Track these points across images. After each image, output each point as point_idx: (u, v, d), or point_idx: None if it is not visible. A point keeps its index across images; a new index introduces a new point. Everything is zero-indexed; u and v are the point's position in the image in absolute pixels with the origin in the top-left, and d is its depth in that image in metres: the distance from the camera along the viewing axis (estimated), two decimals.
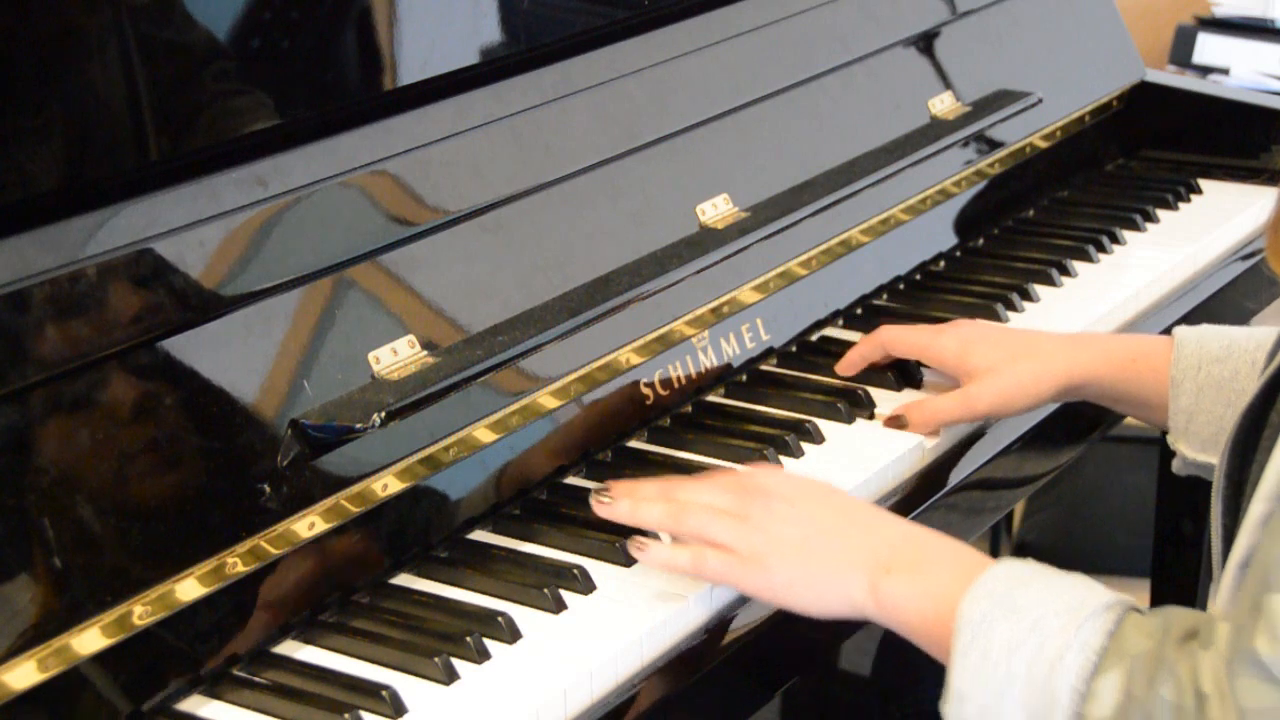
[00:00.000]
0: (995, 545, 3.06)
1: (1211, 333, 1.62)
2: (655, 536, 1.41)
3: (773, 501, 1.37)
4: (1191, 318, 1.92)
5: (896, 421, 1.64)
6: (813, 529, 1.35)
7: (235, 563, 1.30)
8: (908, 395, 1.70)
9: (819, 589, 1.34)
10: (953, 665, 1.24)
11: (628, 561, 1.42)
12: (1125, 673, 1.17)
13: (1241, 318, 2.06)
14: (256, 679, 1.30)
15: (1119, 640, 1.19)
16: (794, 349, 1.80)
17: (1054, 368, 1.63)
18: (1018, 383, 1.63)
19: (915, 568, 1.32)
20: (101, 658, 1.22)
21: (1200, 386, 1.59)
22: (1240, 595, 1.16)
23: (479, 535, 1.48)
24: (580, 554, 1.43)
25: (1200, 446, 1.60)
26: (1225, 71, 3.31)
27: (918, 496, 1.58)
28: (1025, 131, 2.14)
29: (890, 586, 1.31)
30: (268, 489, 1.33)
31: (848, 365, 1.72)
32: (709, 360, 1.70)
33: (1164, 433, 1.65)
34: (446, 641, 1.31)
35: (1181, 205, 2.20)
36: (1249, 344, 1.60)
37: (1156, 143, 2.33)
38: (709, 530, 1.36)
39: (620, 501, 1.40)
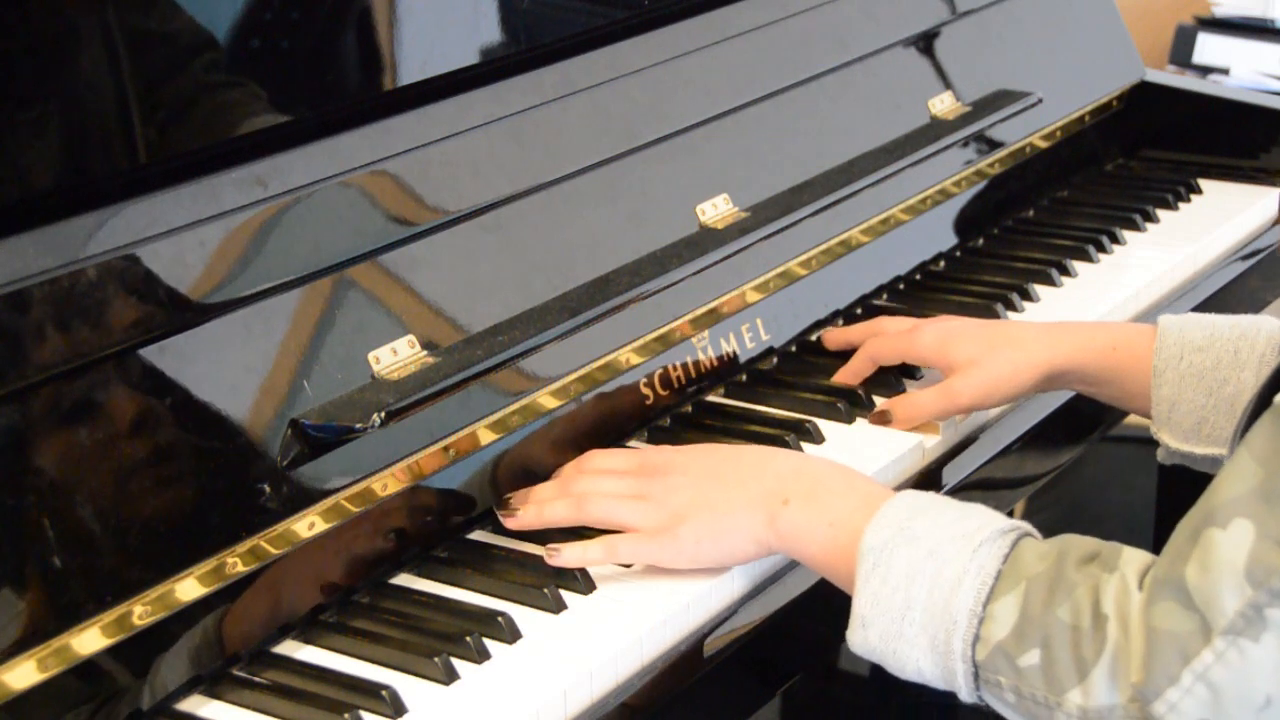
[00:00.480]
0: None
1: (1194, 321, 1.62)
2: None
3: (668, 476, 1.42)
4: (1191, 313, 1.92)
5: (881, 417, 1.65)
6: (708, 485, 1.40)
7: (235, 563, 1.30)
8: None
9: (726, 538, 1.38)
10: (856, 592, 1.28)
11: (628, 562, 1.42)
12: (1021, 594, 1.21)
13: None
14: (256, 679, 1.30)
15: (1014, 564, 1.23)
16: (794, 349, 1.80)
17: (1034, 357, 1.63)
18: (998, 374, 1.63)
19: (811, 496, 1.36)
20: (101, 657, 1.22)
21: (1182, 375, 1.59)
22: (1183, 523, 1.18)
23: (479, 535, 1.48)
24: None
25: (1182, 436, 1.60)
26: (1225, 71, 3.31)
27: None
28: (1025, 131, 2.14)
29: (789, 516, 1.36)
30: (268, 489, 1.33)
31: (844, 381, 1.72)
32: (709, 360, 1.70)
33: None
34: (446, 641, 1.31)
35: (1181, 205, 2.20)
36: (1231, 333, 1.60)
37: (1156, 143, 2.33)
38: (614, 515, 1.41)
39: (526, 509, 1.44)
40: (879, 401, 1.68)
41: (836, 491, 1.36)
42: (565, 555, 1.39)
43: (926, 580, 1.24)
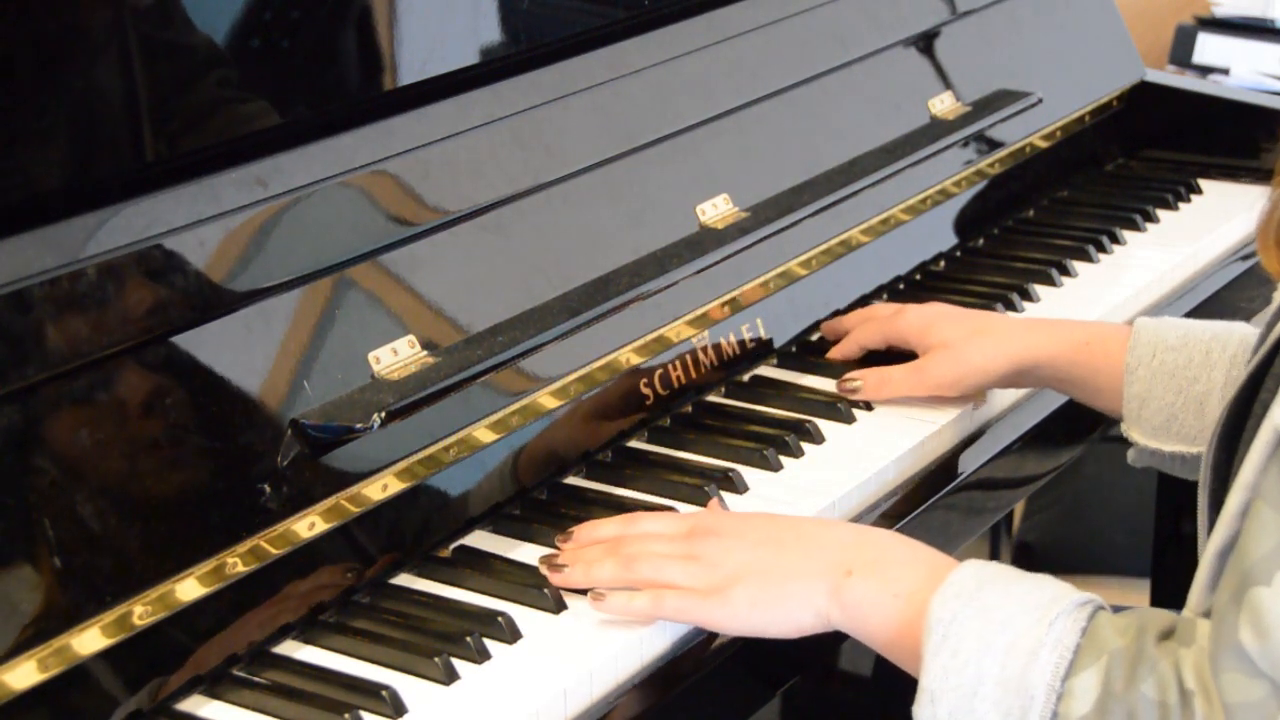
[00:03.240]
0: (995, 545, 3.06)
1: (1169, 322, 1.64)
2: None
3: (721, 538, 1.37)
4: (1191, 318, 1.92)
5: (848, 384, 1.67)
6: (765, 550, 1.34)
7: (235, 563, 1.30)
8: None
9: (782, 605, 1.32)
10: (924, 666, 1.23)
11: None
12: (1102, 670, 1.17)
13: (1240, 318, 2.06)
14: (256, 679, 1.30)
15: (1093, 637, 1.19)
16: (794, 349, 1.80)
17: (1007, 347, 1.65)
18: (970, 359, 1.66)
19: (875, 568, 1.31)
20: (102, 657, 1.22)
21: (1153, 373, 1.60)
22: (1221, 587, 1.16)
23: (479, 535, 1.48)
24: None
25: (1151, 433, 1.61)
26: (1225, 71, 3.31)
27: (918, 496, 1.58)
28: (1025, 131, 2.14)
29: (852, 587, 1.30)
30: (268, 489, 1.33)
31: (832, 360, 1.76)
32: (709, 360, 1.70)
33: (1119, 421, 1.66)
34: (446, 641, 1.31)
35: (1181, 205, 2.20)
36: (1204, 334, 1.61)
37: (1156, 143, 2.33)
38: (663, 574, 1.35)
39: (573, 569, 1.39)
40: (852, 371, 1.70)
41: (901, 562, 1.31)
42: (610, 603, 1.35)
43: (999, 654, 1.20)
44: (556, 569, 1.39)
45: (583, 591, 1.38)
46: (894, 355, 1.73)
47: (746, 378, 1.74)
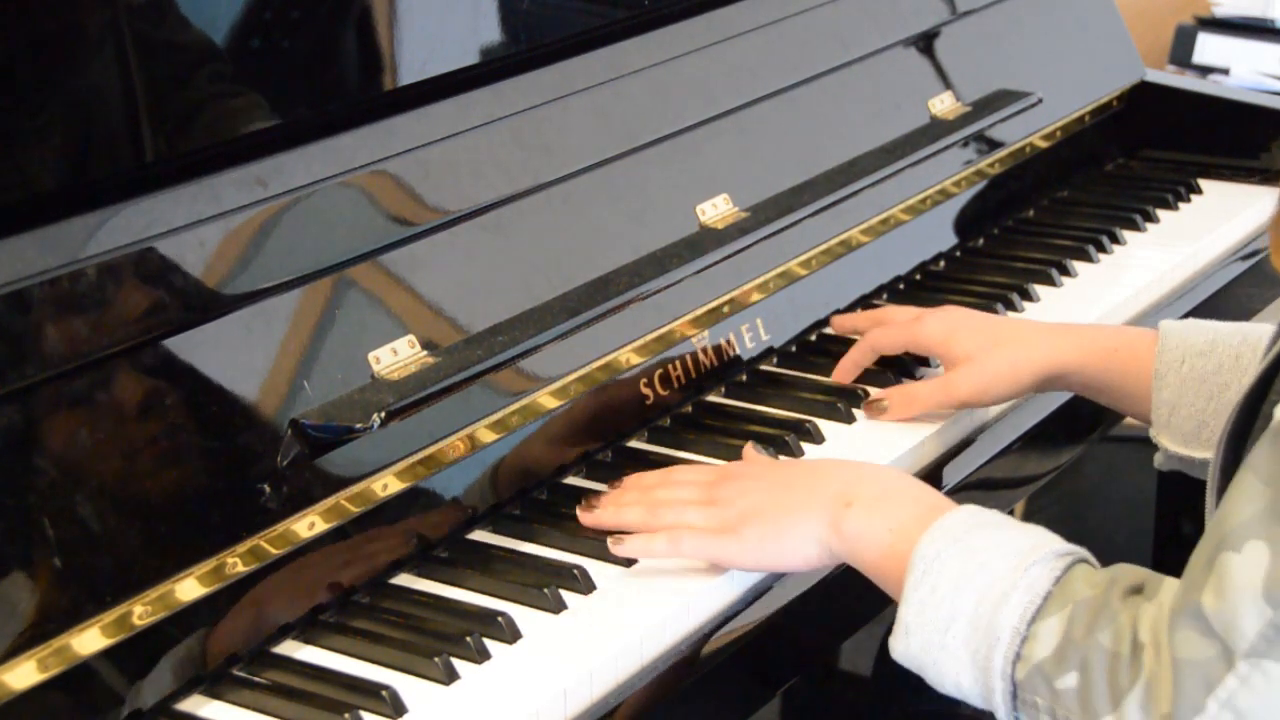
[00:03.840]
0: None
1: (1196, 326, 1.63)
2: None
3: (739, 480, 1.43)
4: (1192, 318, 1.92)
5: (876, 405, 1.66)
6: (776, 489, 1.41)
7: (235, 563, 1.30)
8: None
9: (788, 538, 1.38)
10: (903, 599, 1.27)
11: (628, 562, 1.42)
12: (1066, 617, 1.19)
13: (1241, 318, 2.06)
14: (256, 679, 1.30)
15: (1065, 586, 1.22)
16: (794, 349, 1.80)
17: (1034, 356, 1.64)
18: (997, 370, 1.64)
19: (875, 502, 1.35)
20: (102, 657, 1.22)
21: (1183, 379, 1.59)
22: (1197, 551, 1.17)
23: (479, 535, 1.48)
24: (580, 554, 1.43)
25: (1182, 440, 1.60)
26: (1225, 71, 3.31)
27: None
28: (1025, 131, 2.14)
29: (851, 518, 1.35)
30: (268, 489, 1.33)
31: (843, 373, 1.73)
32: (709, 360, 1.70)
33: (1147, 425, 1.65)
34: (446, 641, 1.31)
35: (1181, 205, 2.20)
36: (1233, 338, 1.60)
37: (1156, 143, 2.33)
38: (684, 519, 1.42)
39: (604, 510, 1.46)
40: (875, 392, 1.68)
41: (902, 500, 1.35)
42: (629, 546, 1.41)
43: (974, 593, 1.23)
44: (589, 509, 1.45)
45: (585, 591, 1.38)
46: (900, 356, 1.73)
47: (746, 378, 1.74)
